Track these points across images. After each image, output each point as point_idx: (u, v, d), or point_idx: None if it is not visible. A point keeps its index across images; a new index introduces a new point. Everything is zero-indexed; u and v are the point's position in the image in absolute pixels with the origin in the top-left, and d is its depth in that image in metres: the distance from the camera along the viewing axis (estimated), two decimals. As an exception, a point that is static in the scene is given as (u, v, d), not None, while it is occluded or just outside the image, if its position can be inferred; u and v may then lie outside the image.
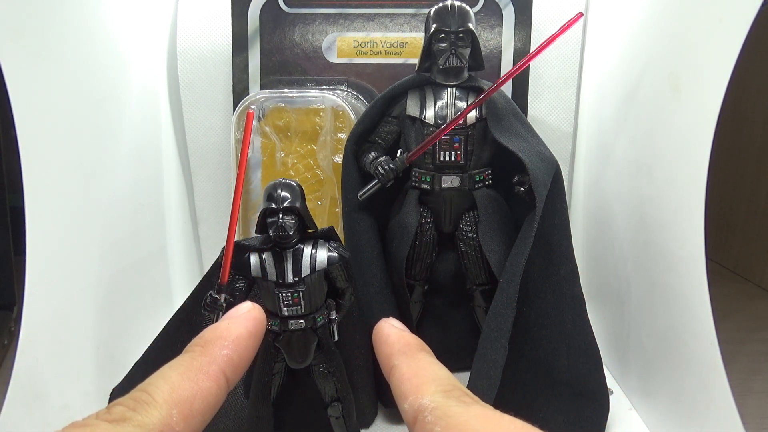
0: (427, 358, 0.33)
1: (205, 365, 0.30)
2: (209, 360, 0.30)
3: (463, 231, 0.58)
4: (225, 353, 0.31)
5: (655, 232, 0.52)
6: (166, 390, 0.28)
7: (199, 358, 0.30)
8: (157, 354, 0.53)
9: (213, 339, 0.32)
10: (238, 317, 0.34)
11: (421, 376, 0.31)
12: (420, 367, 0.32)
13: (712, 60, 0.43)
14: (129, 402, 0.27)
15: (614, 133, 0.64)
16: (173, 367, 0.30)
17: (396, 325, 0.37)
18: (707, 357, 0.44)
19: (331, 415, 0.52)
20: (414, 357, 0.33)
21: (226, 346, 0.32)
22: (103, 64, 0.57)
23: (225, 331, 0.33)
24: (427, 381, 0.30)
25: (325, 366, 0.50)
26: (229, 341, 0.32)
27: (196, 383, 0.29)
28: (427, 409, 0.28)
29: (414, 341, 0.34)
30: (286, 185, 0.47)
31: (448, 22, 0.53)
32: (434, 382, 0.30)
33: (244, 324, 0.33)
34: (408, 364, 0.32)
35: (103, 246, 0.56)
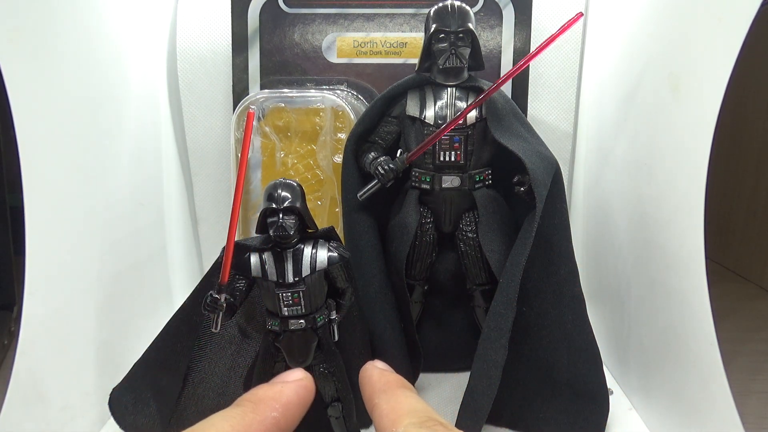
0: (405, 393, 0.34)
1: (255, 423, 0.31)
2: (260, 419, 0.31)
3: (463, 231, 0.58)
4: (274, 415, 0.32)
5: (655, 232, 0.52)
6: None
7: (250, 414, 0.31)
8: (157, 354, 0.53)
9: (265, 399, 0.33)
10: (291, 383, 0.35)
11: (398, 410, 0.32)
12: (398, 401, 0.33)
13: (712, 60, 0.43)
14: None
15: (614, 133, 0.64)
16: (225, 418, 0.30)
17: (379, 366, 0.38)
18: (707, 357, 0.44)
19: (331, 415, 0.52)
20: (393, 394, 0.34)
21: (276, 408, 0.32)
22: (103, 64, 0.57)
23: (278, 393, 0.33)
24: (402, 414, 0.31)
25: (325, 366, 0.50)
26: (279, 404, 0.33)
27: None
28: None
29: (394, 379, 0.35)
30: (286, 185, 0.47)
31: (448, 22, 0.53)
32: (409, 415, 0.31)
33: (296, 390, 0.34)
34: (387, 401, 0.33)
35: (103, 246, 0.56)
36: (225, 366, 0.55)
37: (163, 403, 0.53)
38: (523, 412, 0.56)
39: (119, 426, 0.54)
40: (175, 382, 0.53)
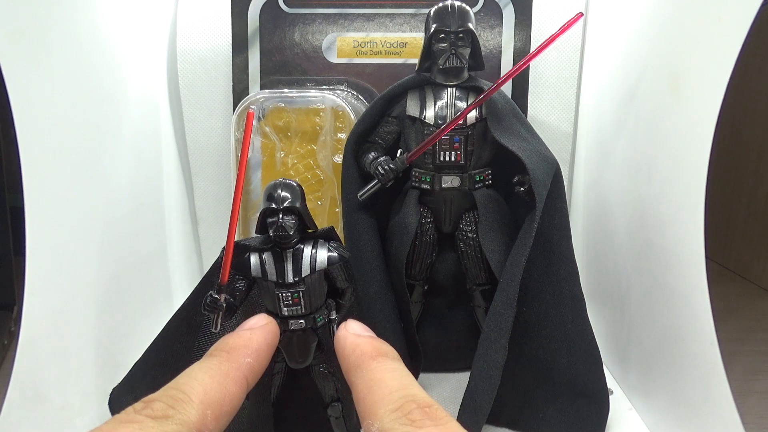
0: (381, 366, 0.32)
1: (232, 370, 0.31)
2: (235, 366, 0.32)
3: (463, 231, 0.58)
4: (248, 361, 0.33)
5: (654, 232, 0.52)
6: (201, 391, 0.29)
7: (226, 363, 0.32)
8: (157, 354, 0.53)
9: (237, 346, 0.33)
10: (259, 329, 0.36)
11: (374, 392, 0.30)
12: (373, 380, 0.31)
13: (712, 60, 0.43)
14: (167, 399, 0.28)
15: (614, 133, 0.64)
16: (203, 370, 0.31)
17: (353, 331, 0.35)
18: (707, 357, 0.44)
19: (331, 415, 0.52)
20: (367, 369, 0.32)
21: (249, 354, 0.33)
22: (103, 65, 0.57)
23: (248, 340, 0.34)
24: (378, 400, 0.29)
25: (325, 366, 0.50)
26: (252, 350, 0.33)
27: (225, 386, 0.30)
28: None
29: (368, 348, 0.33)
30: (286, 185, 0.47)
31: (448, 22, 0.53)
32: (384, 400, 0.29)
33: (264, 335, 0.35)
34: (362, 379, 0.31)
35: (103, 246, 0.56)
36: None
37: (163, 403, 0.53)
38: (522, 412, 0.56)
39: (119, 426, 0.54)
40: (175, 382, 0.53)
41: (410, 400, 0.28)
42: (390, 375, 0.31)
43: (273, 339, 0.36)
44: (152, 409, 0.27)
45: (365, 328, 0.36)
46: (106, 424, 0.27)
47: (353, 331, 0.36)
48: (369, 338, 0.35)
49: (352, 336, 0.35)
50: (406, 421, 0.27)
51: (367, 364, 0.32)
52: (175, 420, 0.27)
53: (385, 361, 0.32)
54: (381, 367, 0.32)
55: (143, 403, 0.28)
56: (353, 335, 0.35)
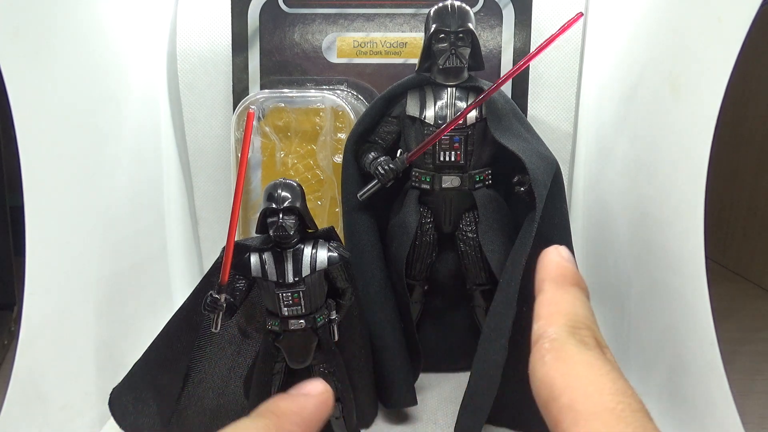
0: (575, 293, 0.32)
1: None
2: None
3: (463, 231, 0.58)
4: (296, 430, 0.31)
5: (654, 232, 0.52)
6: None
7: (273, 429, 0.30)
8: (158, 354, 0.53)
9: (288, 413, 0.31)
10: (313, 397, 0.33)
11: (560, 305, 0.31)
12: (563, 299, 0.32)
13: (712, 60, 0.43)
14: None
15: (614, 133, 0.64)
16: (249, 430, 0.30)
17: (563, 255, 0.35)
18: (707, 357, 0.44)
19: (331, 415, 0.52)
20: (562, 287, 0.33)
21: (298, 423, 0.31)
22: (103, 64, 0.57)
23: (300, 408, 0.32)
24: (561, 312, 0.30)
25: (325, 366, 0.51)
26: (301, 419, 0.31)
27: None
28: (548, 338, 0.29)
29: (570, 274, 0.34)
30: (286, 185, 0.47)
31: (448, 22, 0.53)
32: (567, 316, 0.30)
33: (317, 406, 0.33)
34: (553, 292, 0.32)
35: (103, 246, 0.56)
36: (225, 366, 0.55)
37: (163, 403, 0.53)
38: (523, 412, 0.56)
39: (119, 426, 0.54)
40: (176, 382, 0.53)
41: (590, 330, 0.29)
42: (580, 304, 0.31)
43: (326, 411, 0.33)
44: None
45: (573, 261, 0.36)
46: None
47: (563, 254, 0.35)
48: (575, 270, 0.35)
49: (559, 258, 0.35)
50: (581, 339, 0.28)
51: (564, 284, 0.33)
52: None
53: (582, 294, 0.33)
54: (575, 293, 0.32)
55: None
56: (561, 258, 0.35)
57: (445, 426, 0.56)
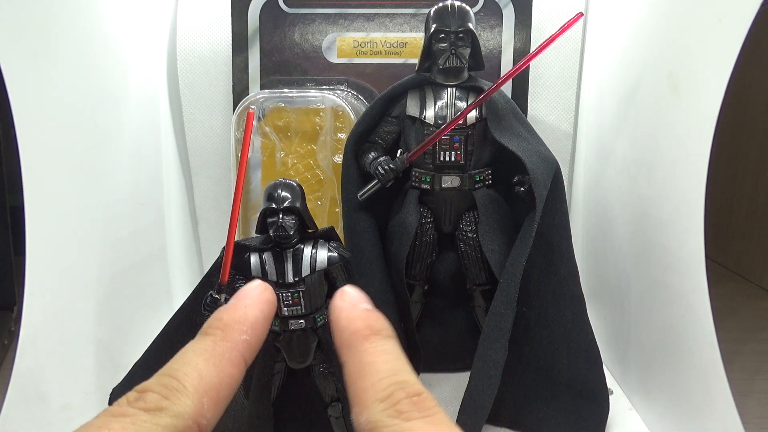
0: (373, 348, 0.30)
1: (227, 351, 0.29)
2: (231, 345, 0.29)
3: (463, 231, 0.58)
4: (244, 338, 0.30)
5: (655, 232, 0.52)
6: (195, 377, 0.27)
7: (221, 343, 0.29)
8: (158, 354, 0.53)
9: (232, 323, 0.30)
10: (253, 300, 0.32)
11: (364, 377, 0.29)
12: (363, 364, 0.29)
13: (712, 60, 0.43)
14: (160, 388, 0.26)
15: (614, 133, 0.64)
16: (197, 352, 0.29)
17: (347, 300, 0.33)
18: (707, 357, 0.44)
19: (331, 415, 0.52)
20: (358, 350, 0.30)
21: (245, 330, 0.30)
22: (103, 64, 0.57)
23: (243, 315, 0.31)
24: (368, 386, 0.28)
25: (325, 366, 0.50)
26: (247, 325, 0.31)
27: (221, 369, 0.28)
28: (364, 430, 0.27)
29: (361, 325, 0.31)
30: (286, 185, 0.47)
31: (448, 22, 0.53)
32: (374, 387, 0.28)
33: (260, 307, 0.32)
34: (353, 361, 0.30)
35: (103, 246, 0.56)
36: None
37: (163, 403, 0.53)
38: (523, 412, 0.56)
39: (119, 426, 0.54)
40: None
41: (399, 388, 0.27)
42: (382, 358, 0.29)
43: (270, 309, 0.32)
44: (145, 401, 0.26)
45: (362, 297, 0.33)
46: (98, 418, 0.26)
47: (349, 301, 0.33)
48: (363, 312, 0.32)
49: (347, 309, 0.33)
50: (393, 413, 0.26)
51: (359, 344, 0.30)
52: (169, 412, 0.25)
53: (377, 342, 0.30)
54: (373, 348, 0.30)
55: (136, 393, 0.27)
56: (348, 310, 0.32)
57: (445, 426, 0.56)
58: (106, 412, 0.26)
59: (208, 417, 0.27)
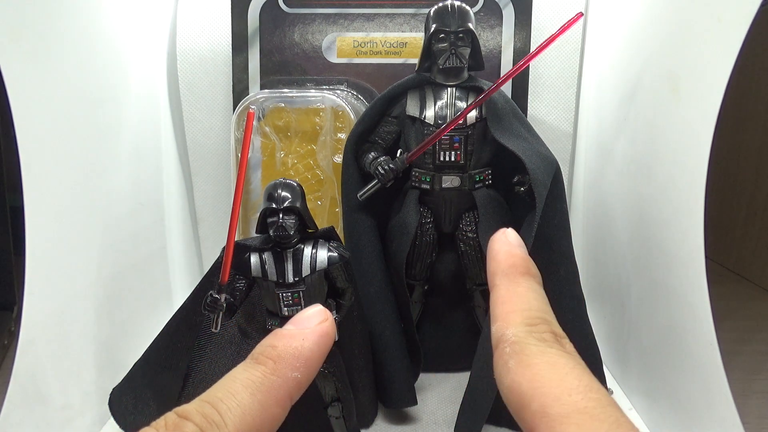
0: (527, 283, 0.31)
1: (276, 388, 0.27)
2: (281, 382, 0.27)
3: (463, 231, 0.58)
4: (296, 376, 0.28)
5: (654, 232, 0.52)
6: (238, 414, 0.25)
7: (271, 377, 0.27)
8: (158, 354, 0.53)
9: (285, 356, 0.28)
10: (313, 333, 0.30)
11: (514, 302, 0.30)
12: (516, 293, 0.31)
13: (712, 60, 0.43)
14: (200, 420, 0.25)
15: (614, 133, 0.64)
16: (244, 384, 0.27)
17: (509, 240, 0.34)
18: (707, 357, 0.44)
19: (331, 415, 0.52)
20: (514, 281, 0.31)
21: (298, 367, 0.28)
22: (103, 64, 0.57)
23: (299, 348, 0.29)
24: (516, 310, 0.30)
25: (325, 366, 0.50)
26: (302, 361, 0.28)
27: (266, 409, 0.26)
28: (508, 341, 0.28)
29: (520, 263, 0.33)
30: (286, 185, 0.47)
31: (448, 22, 0.53)
32: (523, 313, 0.29)
33: (318, 341, 0.29)
34: (506, 288, 0.31)
35: (103, 246, 0.56)
36: (225, 366, 0.55)
37: (164, 403, 0.53)
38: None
39: (119, 426, 0.54)
40: (176, 382, 0.53)
41: (545, 323, 0.29)
42: (533, 296, 0.31)
43: (328, 344, 0.30)
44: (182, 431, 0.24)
45: (521, 243, 0.34)
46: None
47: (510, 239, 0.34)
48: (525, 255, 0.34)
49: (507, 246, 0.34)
50: (539, 337, 0.28)
51: (516, 277, 0.32)
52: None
53: (532, 282, 0.32)
54: (528, 285, 0.32)
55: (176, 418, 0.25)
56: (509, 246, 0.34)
57: (445, 426, 0.56)
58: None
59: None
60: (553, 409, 0.24)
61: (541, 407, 0.24)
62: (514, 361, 0.27)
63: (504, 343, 0.28)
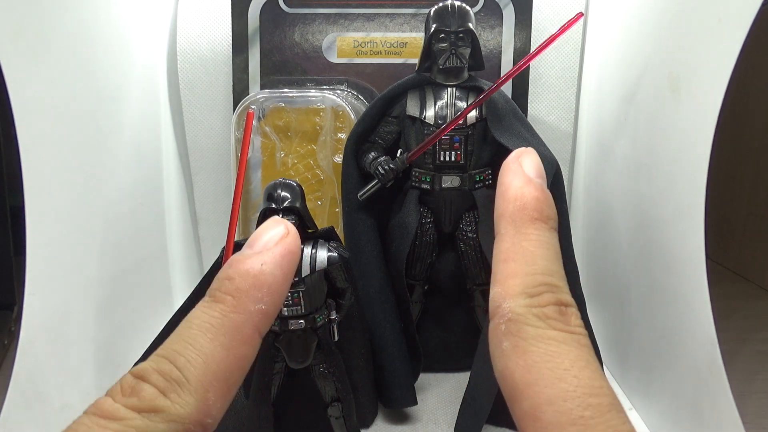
0: (536, 234, 0.27)
1: (240, 325, 0.24)
2: (244, 318, 0.24)
3: (463, 231, 0.58)
4: (260, 307, 0.25)
5: (654, 233, 0.52)
6: (200, 365, 0.23)
7: (231, 315, 0.24)
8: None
9: (245, 287, 0.25)
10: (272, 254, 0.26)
11: (517, 261, 0.26)
12: (521, 248, 0.27)
13: (712, 60, 0.43)
14: (158, 379, 0.22)
15: (614, 133, 0.64)
16: (203, 329, 0.24)
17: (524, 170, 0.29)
18: (707, 357, 0.44)
19: (331, 415, 0.52)
20: (521, 230, 0.27)
21: (261, 297, 0.25)
22: (103, 64, 0.57)
23: (259, 275, 0.25)
24: (518, 272, 0.26)
25: (325, 366, 0.50)
26: (264, 290, 0.25)
27: (231, 350, 0.23)
28: (504, 316, 0.25)
29: (532, 204, 0.28)
30: (286, 185, 0.47)
31: (448, 22, 0.53)
32: (525, 278, 0.25)
33: (280, 263, 0.26)
34: (511, 239, 0.27)
35: (103, 246, 0.56)
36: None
37: (163, 403, 0.53)
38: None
39: (119, 426, 0.54)
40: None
41: (550, 290, 0.25)
42: (541, 252, 0.27)
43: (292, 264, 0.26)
44: (140, 398, 0.22)
45: (539, 173, 0.29)
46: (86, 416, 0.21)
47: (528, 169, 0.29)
48: (539, 190, 0.28)
49: (523, 178, 0.29)
50: (539, 313, 0.24)
51: (524, 224, 0.28)
52: (167, 415, 0.21)
53: (543, 231, 0.27)
54: (536, 236, 0.27)
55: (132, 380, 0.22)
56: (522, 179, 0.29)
57: (445, 426, 0.56)
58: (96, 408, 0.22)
59: (214, 414, 0.23)
60: (546, 415, 0.22)
61: (533, 409, 0.22)
62: (508, 344, 0.24)
63: (499, 318, 0.25)
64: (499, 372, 0.25)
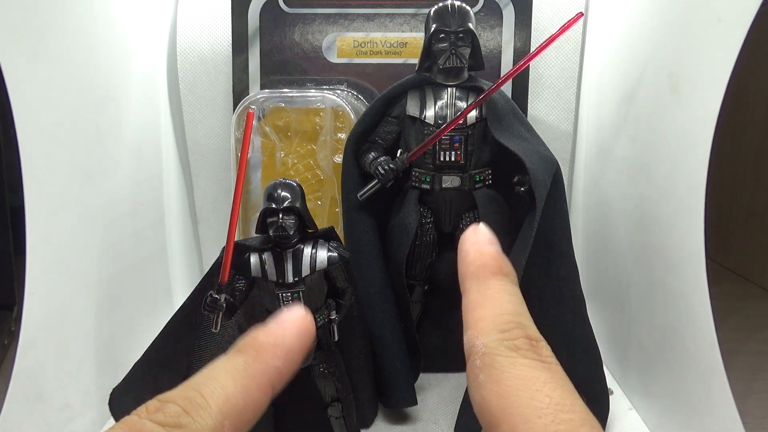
0: (499, 284, 0.31)
1: (258, 375, 0.28)
2: (262, 369, 0.28)
3: (463, 231, 0.58)
4: (277, 364, 0.29)
5: (654, 233, 0.52)
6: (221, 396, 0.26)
7: (253, 364, 0.28)
8: (158, 354, 0.53)
9: (267, 346, 0.29)
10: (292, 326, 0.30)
11: (485, 307, 0.30)
12: (487, 297, 0.30)
13: (712, 60, 0.43)
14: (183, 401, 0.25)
15: (614, 133, 0.64)
16: (227, 370, 0.27)
17: (479, 238, 0.33)
18: (707, 357, 0.44)
19: (331, 415, 0.52)
20: (484, 283, 0.31)
21: (279, 356, 0.29)
22: (104, 64, 0.57)
23: (281, 339, 0.29)
24: (488, 316, 0.29)
25: (325, 366, 0.50)
26: (282, 352, 0.29)
27: (249, 393, 0.27)
28: (478, 352, 0.27)
29: (491, 262, 0.32)
30: (286, 185, 0.47)
31: (448, 22, 0.53)
32: (495, 318, 0.28)
33: (298, 335, 0.30)
34: (477, 291, 0.31)
35: (103, 246, 0.56)
36: (225, 366, 0.54)
37: (163, 403, 0.53)
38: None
39: (119, 426, 0.54)
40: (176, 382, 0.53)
41: (518, 327, 0.28)
42: (506, 298, 0.30)
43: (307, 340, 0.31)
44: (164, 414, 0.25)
45: (492, 240, 0.33)
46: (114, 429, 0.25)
47: (481, 237, 0.33)
48: (496, 252, 0.32)
49: (477, 246, 0.33)
50: (511, 345, 0.27)
51: (487, 278, 0.31)
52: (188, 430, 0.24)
53: (504, 282, 0.31)
54: (499, 286, 0.31)
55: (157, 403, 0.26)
56: (479, 245, 0.33)
57: (445, 426, 0.56)
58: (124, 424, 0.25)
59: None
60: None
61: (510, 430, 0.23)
62: (484, 376, 0.26)
63: (474, 356, 0.27)
64: (477, 405, 0.26)
